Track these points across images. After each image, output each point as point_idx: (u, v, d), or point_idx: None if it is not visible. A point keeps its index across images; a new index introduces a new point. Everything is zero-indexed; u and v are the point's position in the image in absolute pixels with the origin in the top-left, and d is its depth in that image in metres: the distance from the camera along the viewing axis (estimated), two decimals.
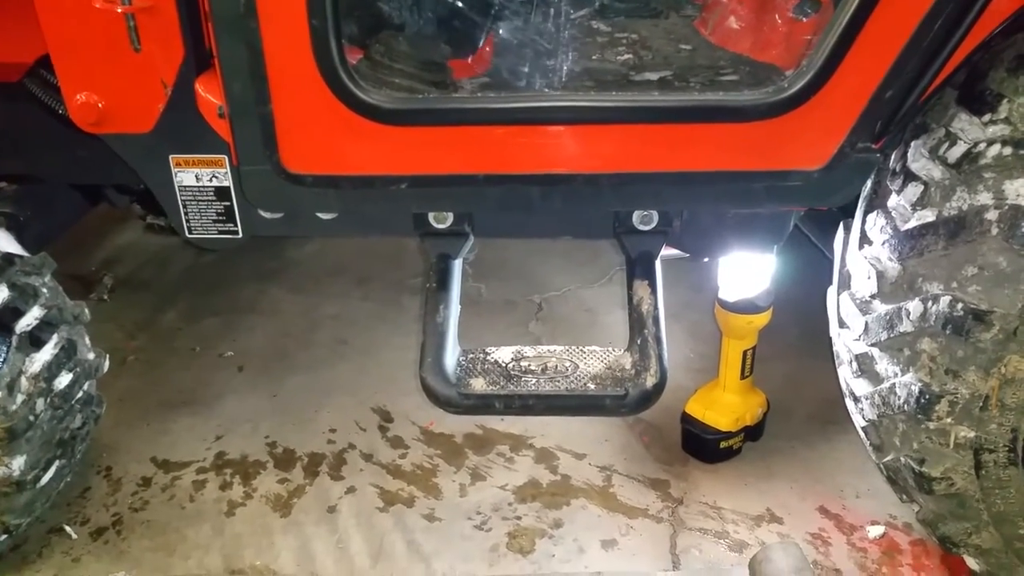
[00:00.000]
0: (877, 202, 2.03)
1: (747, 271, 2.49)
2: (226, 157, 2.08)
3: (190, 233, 2.17)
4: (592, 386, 1.96)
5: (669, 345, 2.03)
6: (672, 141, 1.79)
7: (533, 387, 1.97)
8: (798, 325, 2.76)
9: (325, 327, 3.50)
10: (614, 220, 2.12)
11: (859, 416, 2.18)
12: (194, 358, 3.31)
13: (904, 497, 2.17)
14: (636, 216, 2.08)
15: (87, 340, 2.45)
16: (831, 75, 1.67)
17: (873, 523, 2.52)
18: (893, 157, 2.01)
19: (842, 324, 2.16)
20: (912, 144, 1.94)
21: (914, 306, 1.84)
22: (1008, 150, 1.74)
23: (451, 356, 2.02)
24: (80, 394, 2.38)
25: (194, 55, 1.85)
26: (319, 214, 2.16)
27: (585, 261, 3.82)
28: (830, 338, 2.18)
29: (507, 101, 1.82)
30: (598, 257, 3.83)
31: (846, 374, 2.17)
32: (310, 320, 3.55)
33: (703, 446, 2.73)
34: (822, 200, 1.92)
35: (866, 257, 2.02)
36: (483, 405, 1.97)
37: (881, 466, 2.16)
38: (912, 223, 1.85)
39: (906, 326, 1.87)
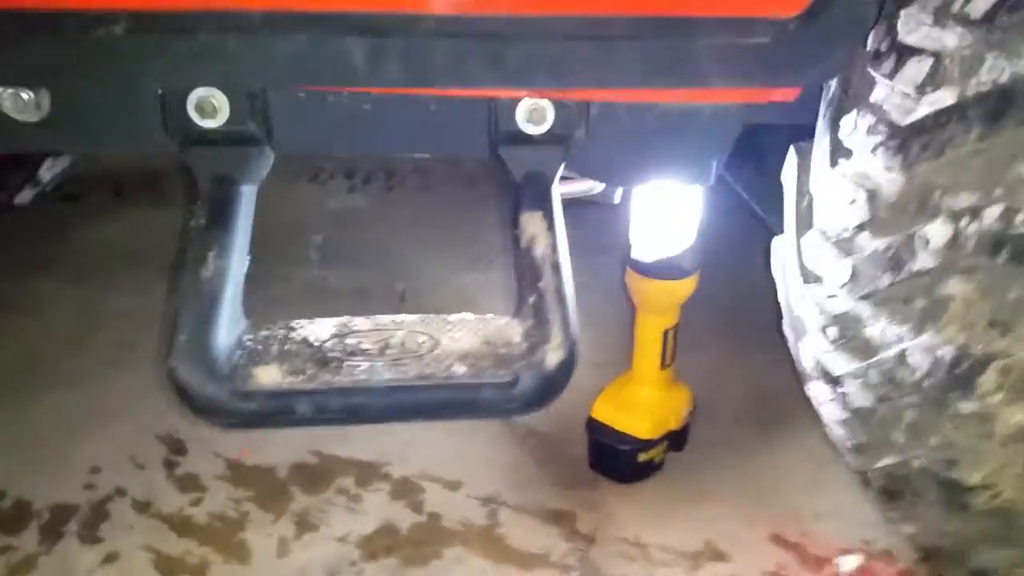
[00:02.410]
0: (852, 100, 1.44)
1: (666, 220, 1.82)
2: None
3: None
4: (462, 369, 1.20)
5: None
6: None
7: (364, 376, 1.18)
8: (711, 303, 2.13)
9: (107, 328, 2.64)
10: (489, 121, 1.38)
11: (834, 406, 1.59)
12: None
13: (896, 516, 1.63)
14: (522, 112, 1.34)
15: None
16: None
17: (844, 552, 1.92)
18: (872, 38, 1.40)
19: (807, 278, 1.55)
20: (902, 14, 1.36)
21: (935, 230, 1.25)
22: None
23: (225, 334, 1.21)
24: None
25: None
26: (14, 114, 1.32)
27: (461, 242, 3.10)
28: (755, 318, 1.69)
29: None
30: (477, 237, 3.12)
31: (815, 348, 1.58)
32: (88, 319, 2.69)
33: (616, 460, 2.05)
34: (795, 74, 1.30)
35: (845, 175, 1.45)
36: (275, 411, 1.17)
37: (867, 475, 1.59)
38: (920, 112, 1.30)
39: (923, 261, 1.30)
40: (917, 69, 1.31)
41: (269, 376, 1.17)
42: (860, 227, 1.36)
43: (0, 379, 2.36)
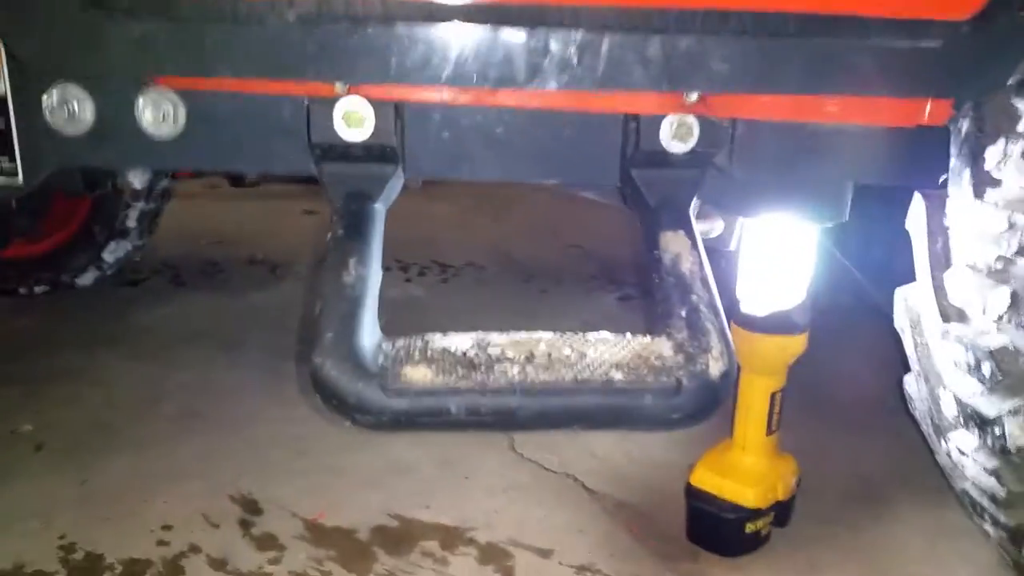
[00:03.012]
0: (993, 133, 1.41)
1: (780, 268, 1.78)
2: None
3: None
4: (619, 376, 1.13)
5: None
6: None
7: (518, 378, 1.12)
8: (796, 381, 2.05)
9: (171, 398, 2.59)
10: (625, 141, 1.37)
11: (983, 455, 1.48)
12: None
13: None
14: (666, 128, 1.32)
15: None
16: None
17: None
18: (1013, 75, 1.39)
19: (951, 317, 1.48)
20: None
21: None
22: None
23: (368, 337, 1.16)
24: None
25: None
26: (148, 123, 1.32)
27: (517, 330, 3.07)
28: (843, 398, 1.48)
29: None
30: (532, 327, 3.09)
31: (962, 391, 1.49)
32: (151, 390, 2.65)
33: (721, 530, 1.91)
34: (968, 83, 1.26)
35: (996, 203, 1.37)
36: (428, 411, 1.11)
37: (1019, 531, 1.42)
38: None
39: None
40: None
41: (420, 375, 1.11)
42: (1020, 252, 1.32)
43: (68, 443, 2.28)
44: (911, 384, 1.69)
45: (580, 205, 4.66)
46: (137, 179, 3.19)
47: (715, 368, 1.14)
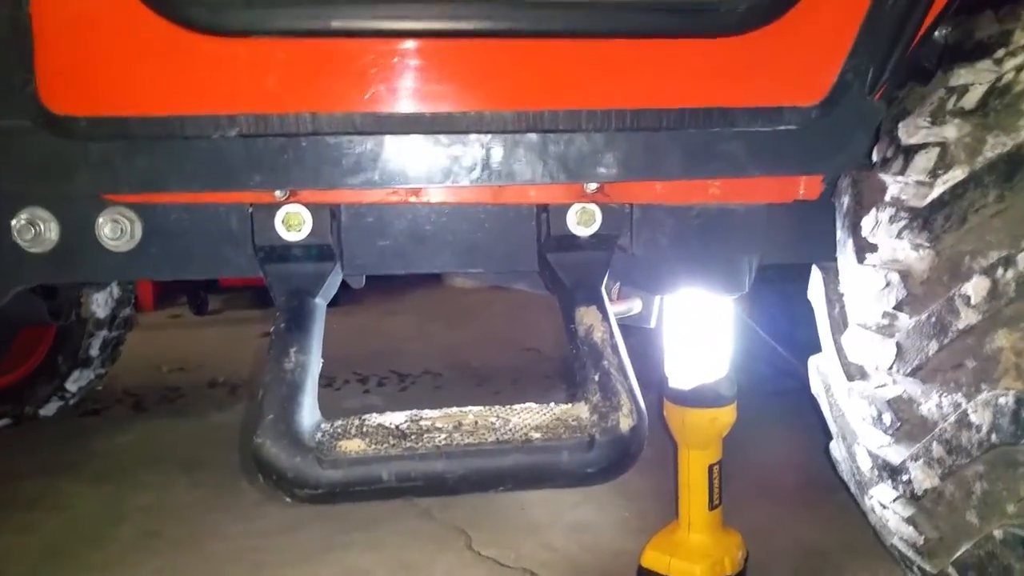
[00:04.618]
0: (868, 205, 1.59)
1: (701, 342, 1.91)
2: None
3: None
4: (537, 435, 1.23)
5: (595, 507, 1.34)
6: (624, 68, 1.28)
7: (444, 443, 1.21)
8: (745, 462, 2.13)
9: (131, 520, 2.62)
10: (539, 229, 1.52)
11: (900, 505, 1.56)
12: None
13: None
14: (572, 215, 1.48)
15: None
16: None
17: None
18: (875, 152, 1.60)
19: (853, 376, 1.61)
20: (901, 125, 1.55)
21: (973, 286, 1.33)
22: None
23: (307, 418, 1.25)
24: None
25: None
26: (108, 239, 1.45)
27: None
28: (793, 476, 1.59)
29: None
30: None
31: (871, 444, 1.59)
32: (112, 513, 2.66)
33: None
34: (821, 160, 1.43)
35: (875, 265, 1.53)
36: (360, 481, 1.19)
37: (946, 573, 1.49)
38: (937, 191, 1.44)
39: (967, 318, 1.35)
40: (926, 159, 1.47)
41: (354, 446, 1.20)
42: (898, 307, 1.45)
43: (26, 570, 2.28)
44: (835, 448, 1.79)
45: (535, 311, 4.84)
46: (100, 308, 3.29)
47: (625, 424, 1.24)
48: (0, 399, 3.36)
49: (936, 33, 1.54)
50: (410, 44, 1.31)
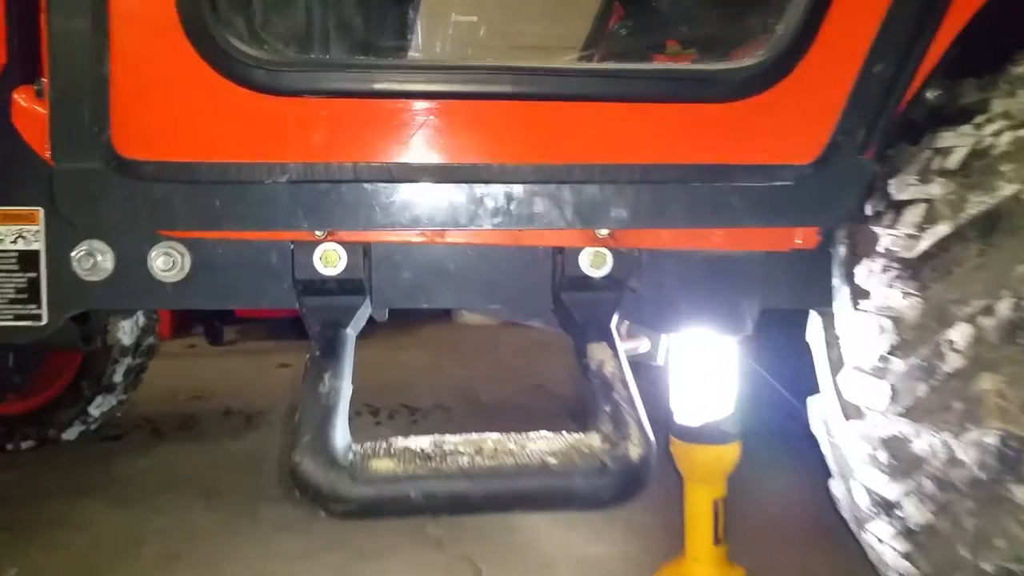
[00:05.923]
0: (862, 255, 1.71)
1: (707, 380, 2.01)
2: (41, 210, 1.54)
3: None
4: (553, 461, 1.34)
5: (605, 544, 1.43)
6: (634, 128, 1.41)
7: (467, 465, 1.32)
8: (749, 494, 2.20)
9: (152, 542, 2.70)
10: (554, 269, 1.64)
11: (897, 541, 1.64)
12: None
13: None
14: (584, 258, 1.60)
15: None
16: (815, 36, 1.38)
17: None
18: (868, 206, 1.72)
19: (849, 415, 1.71)
20: (891, 181, 1.68)
21: (958, 332, 1.43)
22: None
23: (340, 438, 1.36)
24: None
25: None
26: (159, 270, 1.57)
27: None
28: (798, 513, 1.68)
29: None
30: None
31: (868, 481, 1.68)
32: (132, 535, 2.76)
33: None
34: (814, 214, 1.55)
35: (868, 311, 1.64)
36: (390, 499, 1.29)
37: None
38: (924, 244, 1.55)
39: (953, 362, 1.45)
40: (914, 214, 1.58)
41: (384, 466, 1.31)
42: (891, 351, 1.56)
43: None
44: (834, 485, 1.88)
45: (544, 348, 4.94)
46: (126, 335, 3.41)
47: (634, 452, 1.35)
48: (25, 422, 3.46)
49: (927, 94, 1.67)
50: (440, 104, 1.45)
